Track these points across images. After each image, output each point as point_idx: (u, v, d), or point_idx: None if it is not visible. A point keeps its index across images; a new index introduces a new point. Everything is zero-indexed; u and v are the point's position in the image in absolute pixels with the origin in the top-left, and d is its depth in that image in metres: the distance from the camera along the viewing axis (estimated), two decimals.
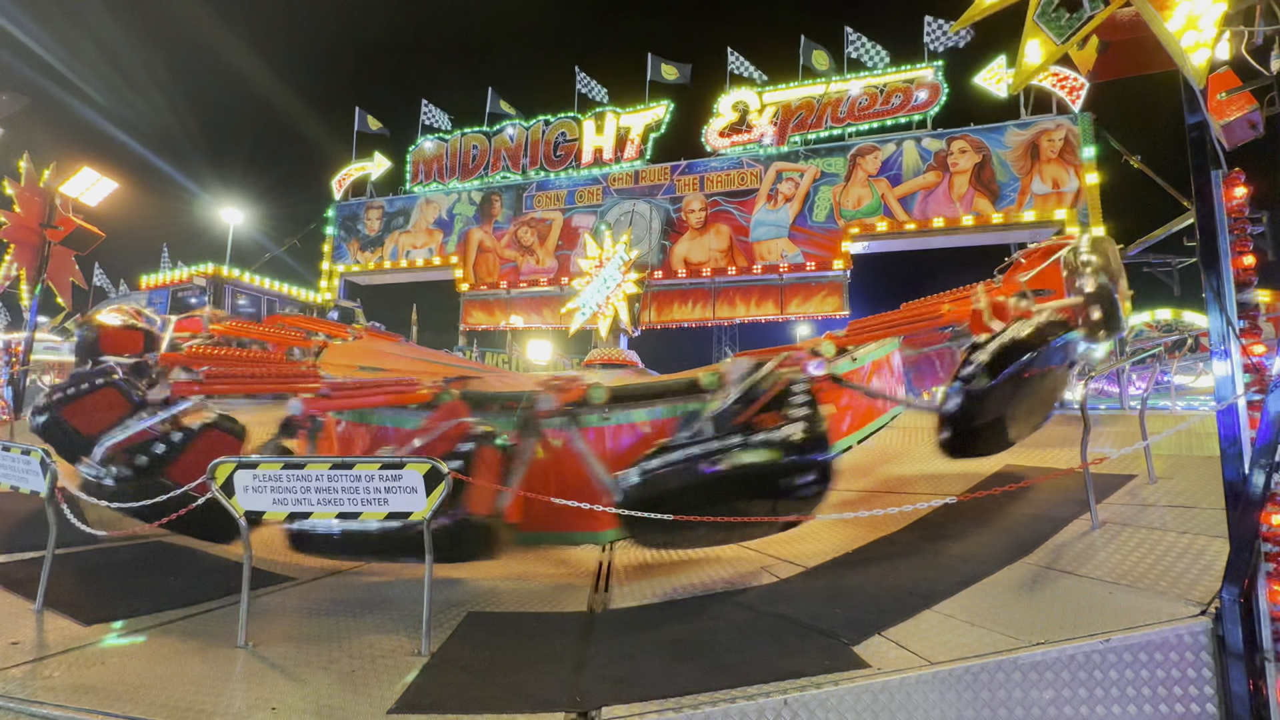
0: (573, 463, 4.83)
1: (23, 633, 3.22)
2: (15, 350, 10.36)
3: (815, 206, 18.13)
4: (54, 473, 3.61)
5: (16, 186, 8.59)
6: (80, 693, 2.57)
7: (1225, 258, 2.80)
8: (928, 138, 17.50)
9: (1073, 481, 4.65)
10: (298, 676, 2.73)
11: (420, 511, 3.03)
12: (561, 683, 2.62)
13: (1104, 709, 2.47)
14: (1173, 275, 16.15)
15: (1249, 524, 2.54)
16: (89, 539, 3.94)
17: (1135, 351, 10.01)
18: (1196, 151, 2.92)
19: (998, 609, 2.99)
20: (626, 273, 12.42)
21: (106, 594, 3.84)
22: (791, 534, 4.60)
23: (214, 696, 2.54)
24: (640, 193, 19.74)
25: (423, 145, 22.10)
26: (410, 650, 3.00)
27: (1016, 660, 2.50)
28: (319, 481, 3.10)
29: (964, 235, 17.45)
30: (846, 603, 3.29)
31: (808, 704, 2.37)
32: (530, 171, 20.87)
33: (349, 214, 22.66)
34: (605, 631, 3.29)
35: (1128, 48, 3.19)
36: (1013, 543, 3.87)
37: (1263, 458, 2.52)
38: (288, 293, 17.98)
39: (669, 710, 2.33)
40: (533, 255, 20.46)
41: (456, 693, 2.55)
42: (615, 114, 20.21)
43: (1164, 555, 3.34)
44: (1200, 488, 4.32)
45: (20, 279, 9.10)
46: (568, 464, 4.89)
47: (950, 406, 4.07)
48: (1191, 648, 2.55)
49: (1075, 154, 16.23)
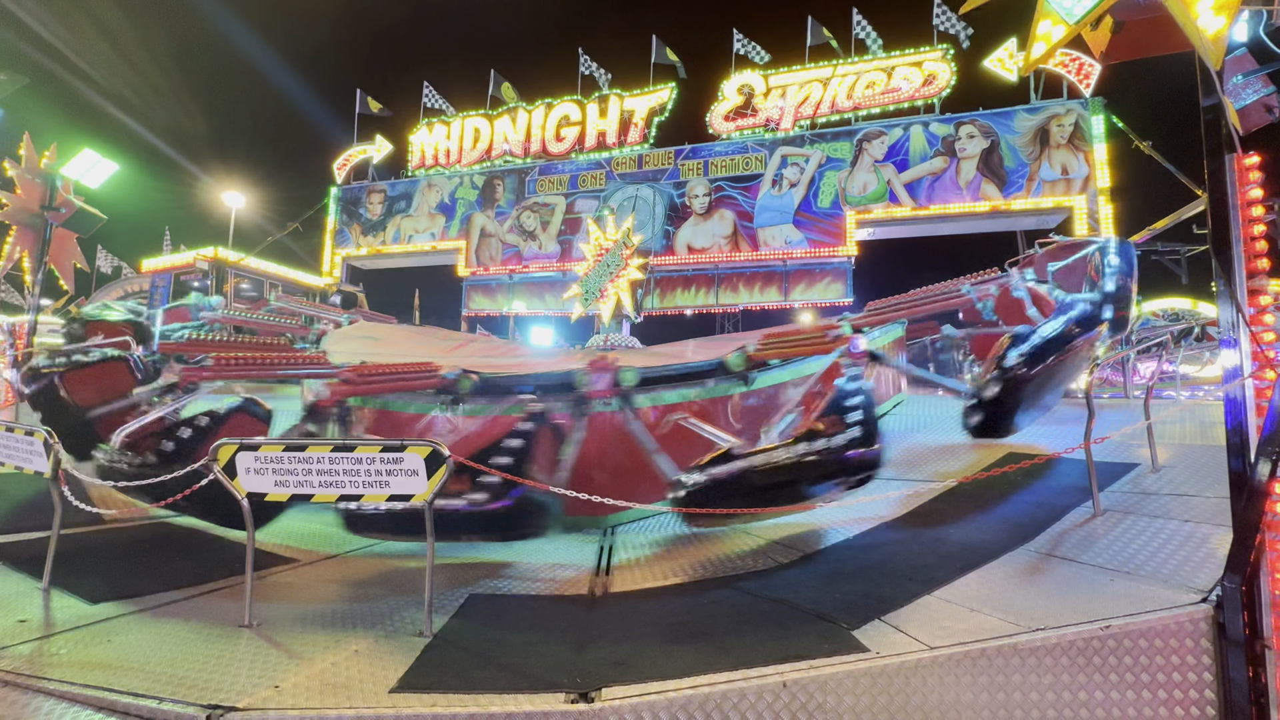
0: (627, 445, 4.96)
1: (30, 611, 3.26)
2: (19, 333, 10.38)
3: (820, 192, 17.95)
4: (58, 454, 3.63)
5: (17, 168, 8.55)
6: (87, 669, 2.60)
7: (1237, 244, 2.76)
8: (935, 122, 17.26)
9: (1075, 469, 4.65)
10: (301, 655, 2.76)
11: (421, 494, 3.04)
12: (562, 664, 2.63)
13: (1103, 694, 2.48)
14: (1181, 263, 16.02)
15: (1253, 512, 2.52)
16: (94, 519, 3.97)
17: (1141, 340, 9.96)
18: (1211, 134, 2.86)
19: (998, 595, 3.00)
20: (629, 258, 12.35)
21: (112, 573, 3.87)
22: (791, 520, 4.62)
23: (219, 674, 2.56)
24: (644, 177, 19.57)
25: (424, 128, 21.91)
26: (413, 631, 3.03)
27: (1017, 646, 2.51)
28: (320, 464, 3.10)
29: (970, 221, 17.29)
30: (846, 588, 3.30)
31: (807, 687, 2.38)
32: (533, 155, 20.69)
33: (351, 198, 22.54)
34: (605, 614, 3.31)
35: (1142, 28, 3.11)
36: (1014, 529, 3.87)
37: (1268, 446, 2.50)
38: (290, 277, 17.95)
39: (669, 692, 2.34)
40: (535, 240, 20.35)
41: (458, 673, 2.57)
42: (619, 97, 19.97)
43: (1166, 543, 3.34)
44: (1203, 476, 4.31)
45: (22, 261, 9.09)
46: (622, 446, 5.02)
47: (990, 393, 4.29)
48: (1192, 635, 2.55)
49: (1085, 139, 16.00)
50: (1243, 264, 2.75)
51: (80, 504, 3.66)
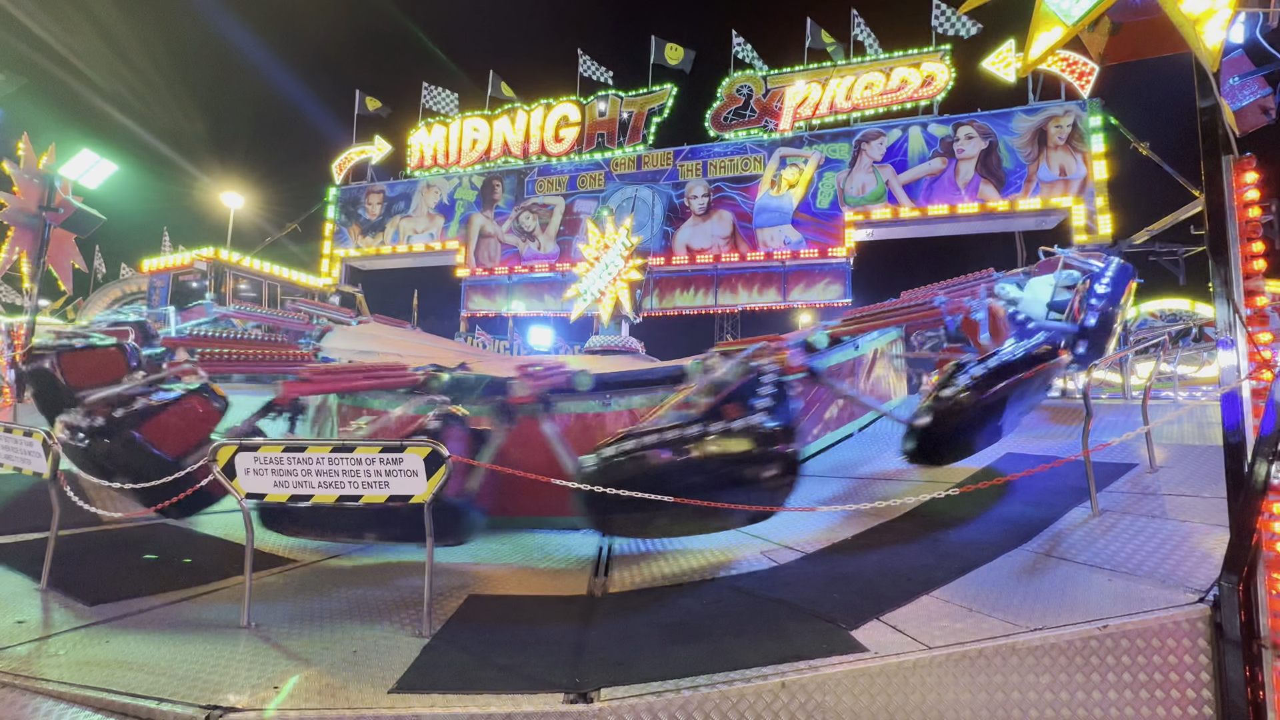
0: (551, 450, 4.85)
1: (28, 612, 3.25)
2: (17, 334, 10.36)
3: (819, 193, 17.98)
4: (56, 454, 3.62)
5: (15, 168, 8.54)
6: (85, 670, 2.60)
7: (1234, 245, 2.76)
8: (934, 124, 17.30)
9: (1073, 469, 4.65)
10: (300, 656, 2.76)
11: (421, 495, 3.04)
12: (561, 664, 2.64)
13: (1100, 694, 2.49)
14: (1178, 264, 16.05)
15: (1250, 513, 2.53)
16: (92, 520, 3.97)
17: (1138, 341, 9.98)
18: (1207, 136, 2.87)
19: (996, 595, 3.00)
20: (628, 259, 12.37)
21: (110, 574, 3.86)
22: (789, 519, 4.62)
23: (217, 676, 2.56)
24: (643, 178, 19.59)
25: (423, 129, 21.92)
26: (411, 632, 3.03)
27: (1014, 645, 2.51)
28: (320, 464, 3.11)
29: (968, 222, 17.32)
30: (844, 588, 3.30)
31: (805, 687, 2.38)
32: (532, 156, 20.70)
33: (350, 198, 22.54)
34: (604, 615, 3.31)
35: (1140, 30, 3.13)
36: (1012, 530, 3.88)
37: (1265, 447, 2.51)
38: (288, 278, 17.93)
39: (667, 692, 2.34)
40: (534, 241, 20.36)
41: (457, 673, 2.58)
42: (618, 98, 20.00)
43: (1163, 543, 3.35)
44: (1201, 477, 4.32)
45: (20, 262, 9.08)
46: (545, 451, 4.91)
47: (923, 422, 4.15)
48: (1189, 635, 2.55)
49: (1083, 140, 16.04)
50: (1239, 265, 2.76)
51: (81, 503, 3.66)
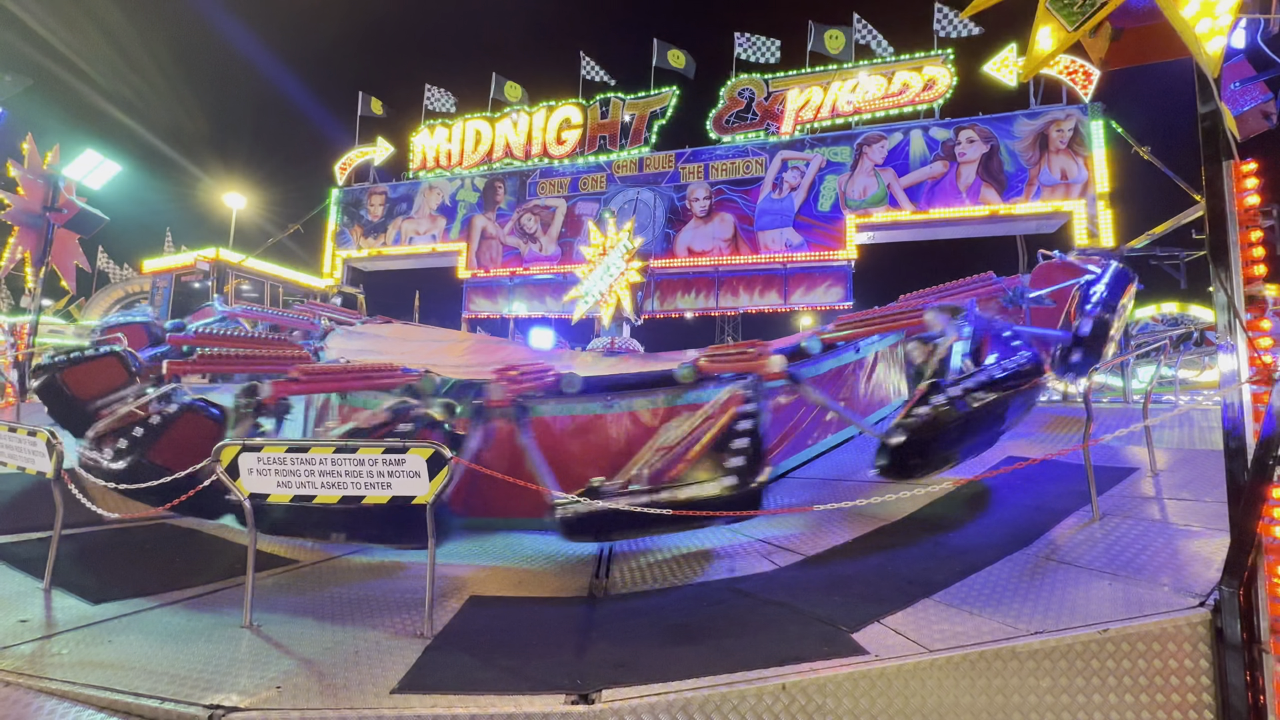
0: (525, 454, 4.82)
1: (31, 610, 3.27)
2: (21, 334, 10.40)
3: (820, 195, 17.99)
4: (60, 454, 3.64)
5: (20, 169, 8.58)
6: (88, 669, 2.61)
7: (1235, 249, 2.77)
8: (935, 127, 17.31)
9: (1074, 473, 4.66)
10: (302, 656, 2.76)
11: (423, 496, 3.05)
12: (562, 666, 2.64)
13: (1100, 698, 2.49)
14: (1179, 268, 16.04)
15: (1250, 517, 2.53)
16: (95, 519, 3.98)
17: (1140, 345, 9.97)
18: (1208, 141, 2.88)
19: (997, 598, 3.01)
20: (630, 261, 12.38)
21: (113, 573, 3.88)
22: (790, 520, 4.62)
23: (220, 675, 2.57)
24: (644, 180, 19.61)
25: (425, 131, 21.97)
26: (413, 632, 3.04)
27: (1015, 649, 2.52)
28: (323, 465, 3.12)
29: (970, 225, 17.33)
30: (845, 591, 3.31)
31: (806, 689, 2.39)
32: (534, 158, 20.74)
33: (352, 199, 22.57)
34: (606, 616, 3.32)
35: (1141, 35, 3.14)
36: (1013, 533, 3.88)
37: (1265, 451, 2.51)
38: (291, 279, 17.96)
39: (669, 693, 2.35)
40: (536, 242, 20.38)
41: (458, 674, 2.58)
42: (620, 100, 20.03)
43: (1164, 547, 3.35)
44: (1202, 481, 4.32)
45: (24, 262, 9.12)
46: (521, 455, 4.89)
47: (896, 440, 4.12)
48: (1189, 639, 2.56)
49: (1084, 145, 16.05)
50: (1240, 270, 2.77)
51: (86, 501, 3.67)
